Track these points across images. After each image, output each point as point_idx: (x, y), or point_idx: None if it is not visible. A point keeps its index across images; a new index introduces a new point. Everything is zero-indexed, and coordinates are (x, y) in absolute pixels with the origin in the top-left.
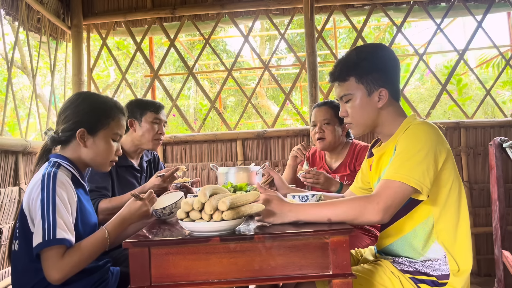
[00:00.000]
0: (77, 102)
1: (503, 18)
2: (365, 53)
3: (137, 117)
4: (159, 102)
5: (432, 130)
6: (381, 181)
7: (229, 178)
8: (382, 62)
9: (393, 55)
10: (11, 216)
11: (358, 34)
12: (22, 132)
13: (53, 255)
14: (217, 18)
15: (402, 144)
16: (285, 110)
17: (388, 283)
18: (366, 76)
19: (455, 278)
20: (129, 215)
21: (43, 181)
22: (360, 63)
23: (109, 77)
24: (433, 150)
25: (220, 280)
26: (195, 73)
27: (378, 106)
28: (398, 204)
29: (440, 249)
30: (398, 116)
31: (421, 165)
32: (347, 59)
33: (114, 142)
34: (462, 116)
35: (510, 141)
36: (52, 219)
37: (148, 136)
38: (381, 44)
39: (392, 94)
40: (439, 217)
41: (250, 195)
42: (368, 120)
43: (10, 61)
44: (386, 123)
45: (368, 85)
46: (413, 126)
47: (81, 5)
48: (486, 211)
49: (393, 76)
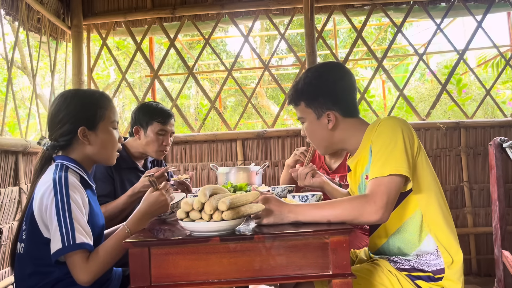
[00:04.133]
0: (67, 102)
1: (503, 18)
2: (310, 78)
3: (143, 125)
4: (169, 111)
5: (401, 122)
6: (371, 181)
7: (229, 178)
8: (327, 85)
9: (340, 73)
10: (11, 216)
11: (358, 34)
12: (22, 132)
13: (78, 260)
14: (217, 18)
15: (377, 141)
16: (285, 110)
17: (387, 282)
18: (313, 101)
19: (449, 270)
20: (148, 208)
21: (55, 185)
22: (307, 89)
23: (109, 77)
24: (407, 138)
25: (220, 280)
26: (195, 73)
27: (329, 128)
28: (393, 198)
29: (433, 243)
30: (358, 130)
31: (403, 154)
32: (297, 84)
33: (114, 130)
34: (462, 116)
35: (510, 141)
36: (69, 224)
37: (152, 147)
38: (328, 64)
39: (344, 113)
40: (426, 209)
41: (249, 195)
42: (322, 141)
43: (10, 61)
44: (347, 139)
45: (316, 109)
46: (383, 123)
47: (81, 5)
48: (486, 211)
49: (342, 97)
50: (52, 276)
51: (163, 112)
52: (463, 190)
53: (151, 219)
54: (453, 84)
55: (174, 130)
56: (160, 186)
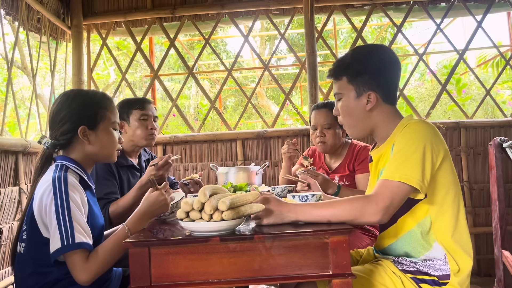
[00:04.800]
0: (69, 101)
1: (503, 18)
2: (358, 54)
3: (124, 117)
4: (145, 98)
5: (429, 129)
6: (379, 181)
7: (229, 178)
8: (375, 65)
9: (390, 57)
10: (11, 216)
11: (358, 34)
12: (22, 132)
13: (78, 259)
14: (217, 18)
15: (399, 143)
16: (285, 110)
17: (389, 283)
18: (357, 78)
19: (455, 278)
20: (147, 208)
21: (54, 185)
22: (352, 64)
23: (109, 77)
24: (430, 148)
25: (220, 280)
26: (195, 73)
27: (366, 109)
28: (397, 204)
29: (440, 249)
30: (392, 119)
31: (419, 164)
32: (343, 58)
33: (114, 131)
34: (462, 116)
35: (510, 141)
36: (69, 223)
37: (140, 133)
38: (379, 46)
39: (384, 97)
40: (437, 217)
41: (249, 195)
42: (356, 121)
43: (10, 61)
44: (379, 126)
45: (357, 87)
46: (410, 125)
47: (81, 5)
48: (486, 211)
49: (386, 79)
50: (51, 276)
51: (140, 99)
52: (463, 190)
53: (151, 219)
54: (453, 84)
55: (156, 114)
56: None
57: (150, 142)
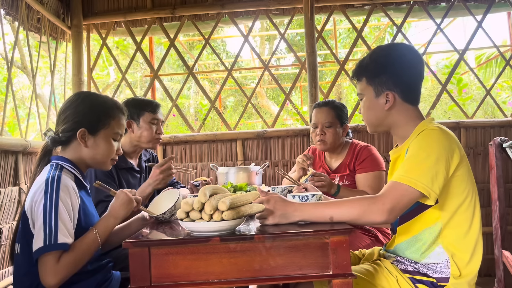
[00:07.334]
0: (77, 102)
1: (503, 18)
2: (376, 55)
3: (134, 117)
4: (156, 101)
5: (445, 137)
6: (389, 182)
7: (229, 178)
8: (393, 65)
9: (409, 56)
10: (11, 216)
11: (358, 34)
12: (22, 132)
13: (50, 260)
14: (217, 18)
15: (413, 148)
16: (285, 110)
17: (385, 283)
18: (375, 78)
19: (455, 281)
20: (111, 208)
21: (46, 185)
22: (370, 65)
23: (109, 77)
24: (444, 156)
25: (220, 280)
26: (195, 73)
27: (385, 108)
28: (403, 206)
29: (443, 253)
30: (411, 119)
31: (430, 171)
32: (362, 60)
33: (115, 142)
34: (462, 116)
35: (510, 141)
36: (54, 224)
37: (147, 136)
38: (398, 45)
39: (404, 97)
40: (448, 223)
41: (250, 195)
42: (376, 120)
43: (10, 61)
44: (398, 125)
45: (376, 87)
46: (427, 131)
47: (81, 5)
48: (486, 211)
49: (404, 79)
50: None
51: (152, 102)
52: None
53: (118, 219)
54: (453, 84)
55: (164, 120)
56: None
57: (155, 145)
